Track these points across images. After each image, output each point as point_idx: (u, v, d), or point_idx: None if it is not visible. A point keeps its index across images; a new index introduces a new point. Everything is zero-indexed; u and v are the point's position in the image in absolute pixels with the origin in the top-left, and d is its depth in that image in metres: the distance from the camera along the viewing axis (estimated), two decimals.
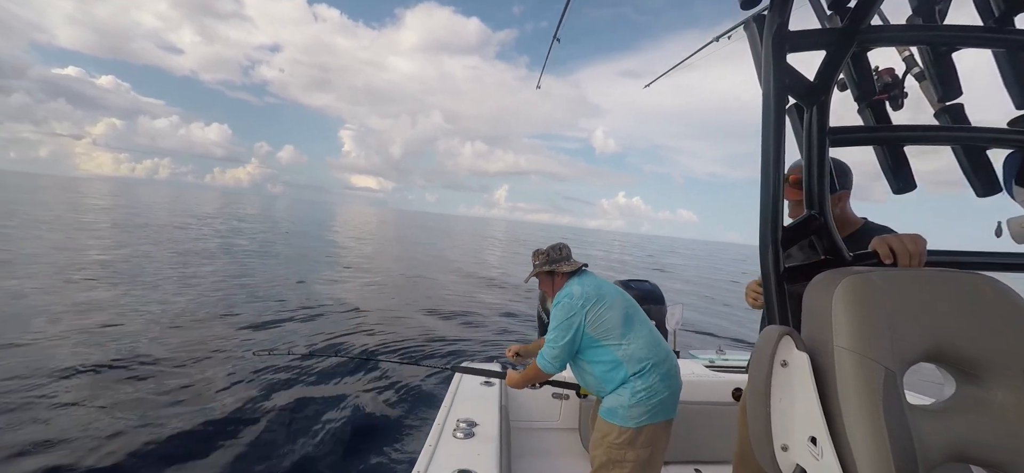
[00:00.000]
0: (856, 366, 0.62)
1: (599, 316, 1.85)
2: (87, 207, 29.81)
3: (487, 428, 1.93)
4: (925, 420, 0.63)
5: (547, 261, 2.07)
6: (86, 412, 3.73)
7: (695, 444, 2.56)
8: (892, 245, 0.84)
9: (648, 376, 1.78)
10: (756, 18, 0.89)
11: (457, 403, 2.20)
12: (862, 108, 1.14)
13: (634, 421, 1.77)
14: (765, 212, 0.82)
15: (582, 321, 1.86)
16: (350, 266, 12.68)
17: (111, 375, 4.53)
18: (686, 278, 22.09)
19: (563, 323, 1.87)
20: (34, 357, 4.68)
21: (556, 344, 1.88)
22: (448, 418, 2.00)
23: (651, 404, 1.77)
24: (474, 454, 1.70)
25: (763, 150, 0.83)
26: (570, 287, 1.94)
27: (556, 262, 2.06)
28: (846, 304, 0.65)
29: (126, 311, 6.74)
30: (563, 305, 1.90)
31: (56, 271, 8.99)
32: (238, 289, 9.18)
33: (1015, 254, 0.87)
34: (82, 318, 6.18)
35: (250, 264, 12.68)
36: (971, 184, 1.02)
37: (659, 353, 1.84)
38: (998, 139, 0.93)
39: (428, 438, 1.80)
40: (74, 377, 4.36)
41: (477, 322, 8.49)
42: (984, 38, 0.93)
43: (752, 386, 0.73)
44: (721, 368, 3.09)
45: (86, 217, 22.13)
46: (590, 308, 1.86)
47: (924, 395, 1.93)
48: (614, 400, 1.82)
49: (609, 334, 1.85)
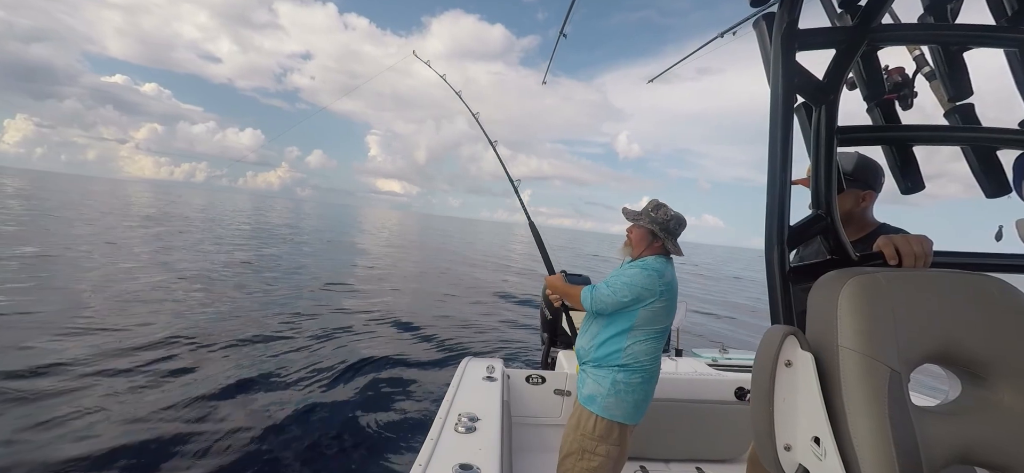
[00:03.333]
0: (861, 367, 0.62)
1: (656, 311, 1.79)
2: (151, 209, 30.59)
3: (489, 423, 1.93)
4: (930, 422, 0.63)
5: (660, 226, 1.83)
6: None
7: (697, 443, 2.56)
8: (898, 246, 0.84)
9: (633, 375, 1.79)
10: (765, 16, 0.88)
11: (459, 397, 2.21)
12: (871, 107, 1.13)
13: (610, 413, 1.77)
14: (771, 211, 0.82)
15: (649, 302, 1.77)
16: (383, 278, 13.01)
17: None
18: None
19: (636, 287, 1.75)
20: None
21: (612, 296, 1.78)
22: (450, 412, 2.01)
23: (627, 402, 1.78)
24: (475, 449, 1.70)
25: (770, 149, 0.82)
26: (664, 266, 1.82)
27: (668, 233, 1.84)
28: (851, 304, 0.65)
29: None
30: (648, 275, 1.76)
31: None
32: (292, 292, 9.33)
33: (1020, 255, 0.86)
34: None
35: (308, 265, 13.36)
36: (981, 185, 1.01)
37: (654, 364, 1.85)
38: (1009, 140, 0.92)
39: (429, 432, 1.81)
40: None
41: (482, 325, 8.52)
42: (997, 38, 0.92)
43: (756, 385, 0.73)
44: (724, 367, 3.08)
45: (172, 221, 22.80)
46: (660, 298, 1.78)
47: (930, 396, 1.92)
48: (594, 387, 1.82)
49: (642, 327, 1.79)
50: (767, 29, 0.86)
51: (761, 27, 0.88)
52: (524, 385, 2.64)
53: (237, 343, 5.55)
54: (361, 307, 8.43)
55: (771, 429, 0.71)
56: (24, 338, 4.88)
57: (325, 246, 19.24)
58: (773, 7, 0.86)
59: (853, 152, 1.43)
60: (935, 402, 0.73)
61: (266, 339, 5.85)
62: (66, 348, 4.76)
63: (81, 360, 4.48)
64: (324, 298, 8.90)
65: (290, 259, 14.46)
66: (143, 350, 4.95)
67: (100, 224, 17.90)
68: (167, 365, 4.67)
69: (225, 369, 4.69)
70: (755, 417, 0.73)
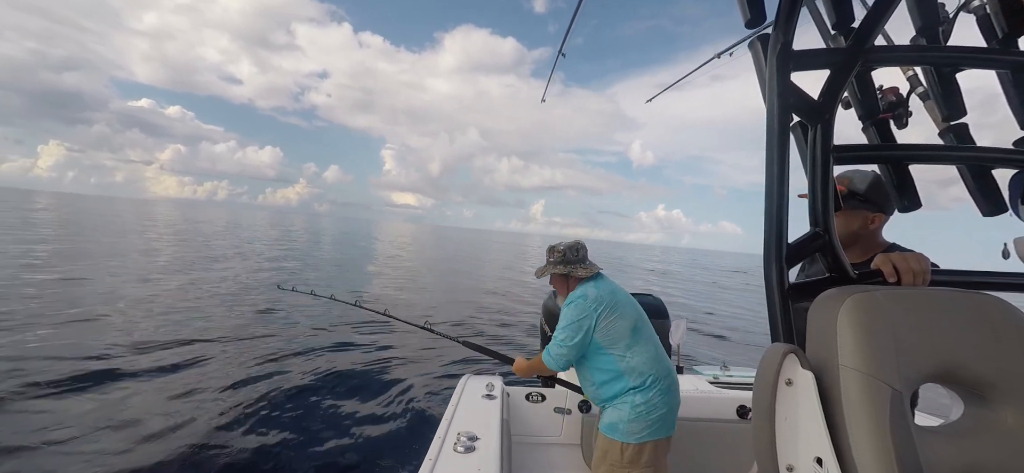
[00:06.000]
0: (862, 386, 0.61)
1: (610, 323, 1.82)
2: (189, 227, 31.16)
3: (488, 442, 1.91)
4: (933, 441, 0.62)
5: (563, 261, 1.99)
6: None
7: (699, 462, 2.52)
8: (896, 263, 0.84)
9: (648, 391, 1.76)
10: (761, 37, 0.89)
11: (458, 416, 2.18)
12: (866, 126, 1.14)
13: (635, 436, 1.74)
14: (769, 228, 0.82)
15: (593, 325, 1.82)
16: (388, 288, 13.17)
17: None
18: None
19: (574, 323, 1.83)
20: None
21: (564, 343, 1.84)
22: (449, 431, 1.98)
23: (651, 419, 1.74)
24: (474, 469, 1.68)
25: (767, 168, 0.83)
26: (586, 288, 1.90)
27: (572, 263, 1.98)
28: (851, 323, 0.65)
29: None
30: (577, 305, 1.85)
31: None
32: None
33: (1019, 274, 0.86)
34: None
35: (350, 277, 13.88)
36: (977, 203, 1.02)
37: (660, 368, 1.82)
38: (1003, 159, 0.93)
39: (428, 452, 1.79)
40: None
41: (486, 327, 8.46)
42: (988, 59, 0.93)
43: (756, 405, 0.72)
44: (725, 384, 3.05)
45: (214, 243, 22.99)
46: (603, 313, 1.82)
47: (932, 416, 1.90)
48: (614, 414, 1.80)
49: (615, 343, 1.82)
50: (762, 50, 0.88)
51: (756, 48, 0.90)
52: (524, 403, 2.61)
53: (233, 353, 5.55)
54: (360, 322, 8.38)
55: (773, 449, 0.70)
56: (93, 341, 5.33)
57: (337, 269, 19.13)
58: (768, 28, 0.87)
59: (870, 171, 1.42)
60: (938, 422, 0.73)
61: (263, 352, 5.82)
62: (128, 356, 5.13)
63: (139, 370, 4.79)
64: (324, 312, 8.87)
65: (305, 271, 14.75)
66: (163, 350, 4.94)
67: (156, 243, 18.48)
68: (166, 362, 4.86)
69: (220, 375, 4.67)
70: (756, 437, 0.72)
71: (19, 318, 6.24)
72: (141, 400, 4.21)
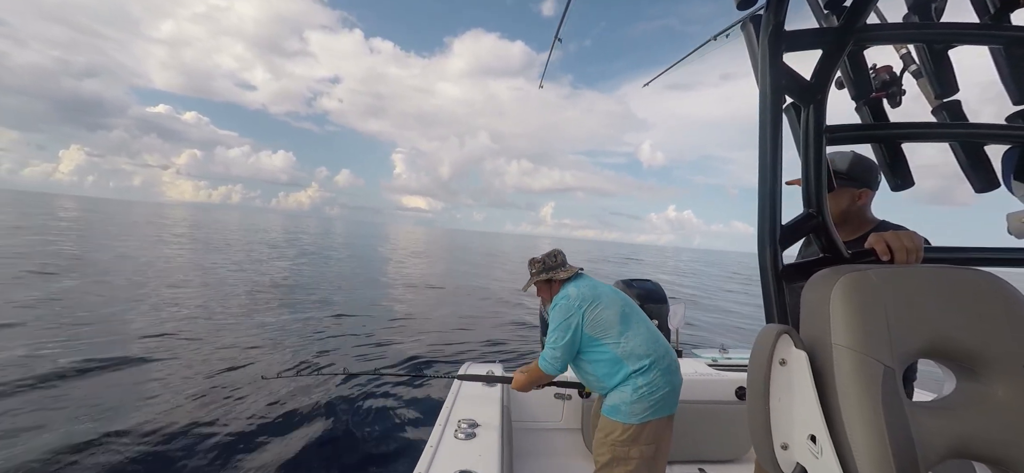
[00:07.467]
0: (855, 364, 0.62)
1: (596, 316, 1.89)
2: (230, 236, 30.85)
3: (489, 428, 1.93)
4: (925, 417, 0.63)
5: (544, 269, 2.12)
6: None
7: (698, 443, 2.56)
8: (889, 242, 0.85)
9: (649, 372, 1.79)
10: (752, 18, 0.89)
11: (459, 403, 2.20)
12: (859, 106, 1.14)
13: (637, 417, 1.77)
14: (763, 210, 0.82)
15: (580, 321, 1.89)
16: (413, 288, 13.23)
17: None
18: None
19: (561, 324, 1.91)
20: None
21: (556, 345, 1.91)
22: (450, 418, 2.00)
23: (653, 399, 1.77)
24: (475, 454, 1.70)
25: (760, 149, 0.83)
26: (566, 290, 1.99)
27: (552, 269, 2.10)
28: (844, 302, 0.66)
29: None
30: (561, 307, 1.94)
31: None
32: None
33: (1012, 249, 0.87)
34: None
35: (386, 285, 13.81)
36: (969, 180, 1.02)
37: (658, 349, 1.85)
38: (996, 135, 0.93)
39: (429, 438, 1.81)
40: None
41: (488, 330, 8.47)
42: (980, 35, 0.93)
43: (751, 385, 0.73)
44: (724, 367, 3.08)
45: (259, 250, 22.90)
46: (587, 308, 1.89)
47: (924, 391, 1.92)
48: (616, 397, 1.83)
49: (607, 332, 1.87)
50: (754, 31, 0.87)
51: (748, 29, 0.89)
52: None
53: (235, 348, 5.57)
54: (364, 315, 8.41)
55: (767, 428, 0.71)
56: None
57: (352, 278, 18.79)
58: (760, 9, 0.87)
59: (849, 151, 1.44)
60: (930, 397, 0.74)
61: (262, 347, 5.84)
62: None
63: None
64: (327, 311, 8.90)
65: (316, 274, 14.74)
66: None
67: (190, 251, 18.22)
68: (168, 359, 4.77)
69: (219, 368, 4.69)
70: (751, 416, 0.73)
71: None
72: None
